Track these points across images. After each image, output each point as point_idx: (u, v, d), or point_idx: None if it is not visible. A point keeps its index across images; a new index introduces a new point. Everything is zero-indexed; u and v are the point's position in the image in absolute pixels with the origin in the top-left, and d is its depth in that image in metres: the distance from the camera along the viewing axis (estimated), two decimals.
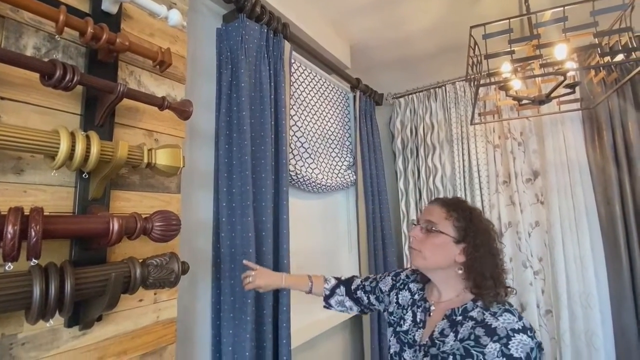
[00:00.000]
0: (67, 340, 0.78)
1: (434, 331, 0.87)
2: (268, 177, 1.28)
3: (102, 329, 0.84)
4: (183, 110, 0.96)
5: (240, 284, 1.16)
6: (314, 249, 1.85)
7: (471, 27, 1.25)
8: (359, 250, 1.98)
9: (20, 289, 0.61)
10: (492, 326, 0.78)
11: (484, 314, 0.81)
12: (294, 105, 1.69)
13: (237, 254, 1.18)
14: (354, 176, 2.06)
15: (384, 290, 1.09)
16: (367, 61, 2.32)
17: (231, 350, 1.13)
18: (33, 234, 0.62)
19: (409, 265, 2.27)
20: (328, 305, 1.19)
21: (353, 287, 1.16)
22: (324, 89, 1.97)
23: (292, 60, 1.67)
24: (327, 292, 1.17)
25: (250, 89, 1.30)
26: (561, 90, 1.29)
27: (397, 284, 1.06)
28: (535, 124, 2.03)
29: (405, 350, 0.92)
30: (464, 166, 2.18)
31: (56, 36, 0.79)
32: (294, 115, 1.67)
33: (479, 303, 0.83)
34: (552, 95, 1.29)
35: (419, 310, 0.95)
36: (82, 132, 0.74)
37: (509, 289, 0.84)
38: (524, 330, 0.75)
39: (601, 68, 1.38)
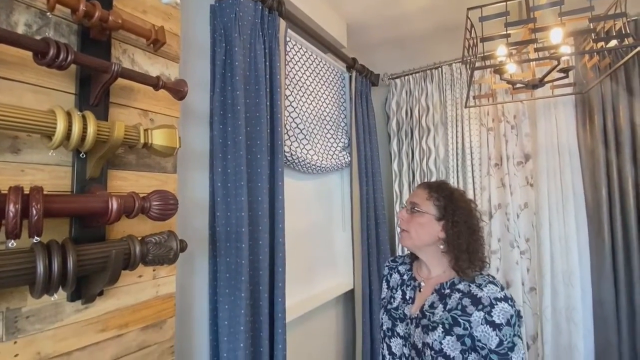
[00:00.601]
0: (70, 314, 0.82)
1: (424, 304, 0.94)
2: (264, 158, 1.29)
3: (103, 303, 0.88)
4: (178, 90, 0.96)
5: (235, 262, 1.20)
6: (309, 228, 1.89)
7: (468, 9, 1.24)
8: (353, 229, 2.03)
9: (23, 265, 0.63)
10: (478, 296, 0.85)
11: (470, 286, 0.88)
12: (289, 85, 1.68)
13: (232, 233, 1.21)
14: (349, 157, 2.08)
15: (385, 289, 1.13)
16: (363, 40, 2.29)
17: (227, 324, 1.18)
18: (34, 212, 0.63)
19: (399, 247, 2.34)
20: None
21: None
22: (320, 69, 1.95)
23: (287, 39, 1.64)
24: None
25: (245, 68, 1.29)
26: (555, 75, 1.30)
27: (388, 272, 1.13)
28: (528, 107, 2.04)
29: (397, 325, 0.98)
30: (457, 148, 2.20)
31: (48, 13, 0.78)
32: (289, 95, 1.67)
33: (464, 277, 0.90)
34: (546, 79, 1.30)
35: (408, 288, 1.02)
36: (79, 112, 0.74)
37: (484, 262, 0.91)
38: (505, 299, 0.82)
39: (595, 53, 1.39)
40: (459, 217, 0.90)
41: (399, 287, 1.05)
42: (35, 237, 0.65)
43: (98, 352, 0.86)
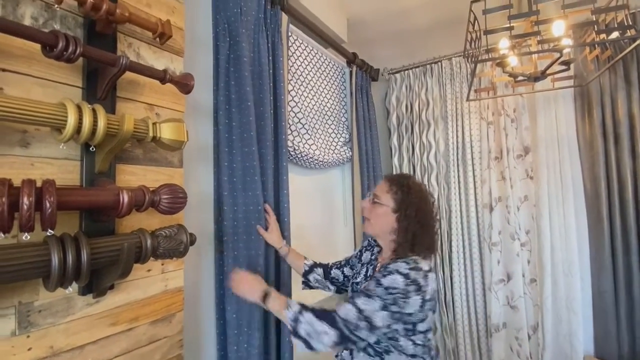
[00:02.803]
0: (81, 308, 0.82)
1: None
2: (268, 153, 1.30)
3: (114, 297, 0.88)
4: (185, 84, 0.96)
5: (243, 256, 1.20)
6: (311, 223, 1.90)
7: (471, 2, 1.24)
8: (354, 223, 2.04)
9: (38, 258, 0.63)
10: (388, 267, 0.93)
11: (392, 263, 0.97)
12: (291, 79, 1.68)
13: (239, 227, 1.21)
14: (350, 152, 2.08)
15: (355, 256, 1.26)
16: (363, 35, 2.29)
17: (235, 317, 1.19)
18: (48, 205, 0.63)
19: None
20: (307, 281, 1.31)
21: (329, 267, 1.31)
22: (321, 64, 1.95)
23: (289, 33, 1.64)
24: (307, 269, 1.30)
25: (250, 63, 1.29)
26: (556, 67, 1.31)
27: (364, 247, 1.24)
28: (528, 100, 2.06)
29: None
30: (457, 142, 2.22)
31: (55, 6, 0.78)
32: (291, 90, 1.67)
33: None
34: (547, 72, 1.31)
35: (371, 267, 1.14)
36: (89, 105, 0.74)
37: (429, 252, 0.99)
38: (405, 275, 0.89)
39: (596, 45, 1.40)
40: (410, 211, 0.97)
41: (366, 264, 1.16)
42: (49, 230, 0.65)
43: (110, 346, 0.86)
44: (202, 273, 1.24)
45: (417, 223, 0.97)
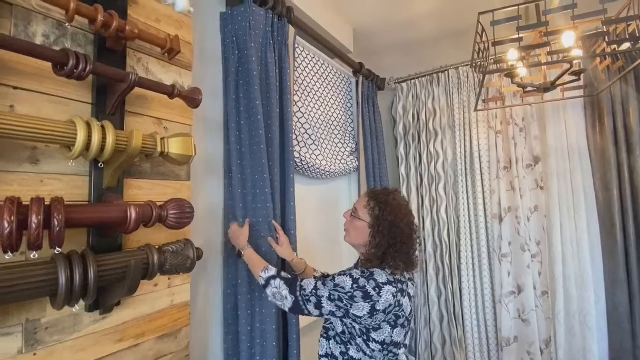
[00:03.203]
0: (88, 324, 0.81)
1: None
2: (275, 165, 1.29)
3: (120, 312, 0.87)
4: (193, 99, 0.96)
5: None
6: (316, 234, 1.88)
7: (479, 14, 1.24)
8: None
9: (46, 277, 0.63)
10: (347, 270, 1.01)
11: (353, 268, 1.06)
12: (297, 90, 1.68)
13: (249, 239, 1.21)
14: (357, 162, 2.07)
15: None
16: (370, 45, 2.29)
17: (249, 330, 1.18)
18: (56, 223, 0.63)
19: None
20: None
21: None
22: (327, 74, 1.96)
23: (296, 45, 1.65)
24: None
25: (259, 77, 1.29)
26: (566, 78, 1.29)
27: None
28: (537, 109, 2.03)
29: None
30: (465, 152, 2.20)
31: (66, 24, 0.78)
32: (297, 101, 1.67)
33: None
34: (557, 82, 1.29)
35: None
36: (98, 123, 0.74)
37: (395, 270, 0.99)
38: (354, 280, 0.94)
39: (607, 56, 1.38)
40: (383, 228, 1.00)
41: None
42: (57, 248, 0.65)
43: None
44: (208, 286, 1.23)
45: (390, 239, 0.98)
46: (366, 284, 0.93)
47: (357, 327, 0.97)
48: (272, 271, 1.07)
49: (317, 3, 1.77)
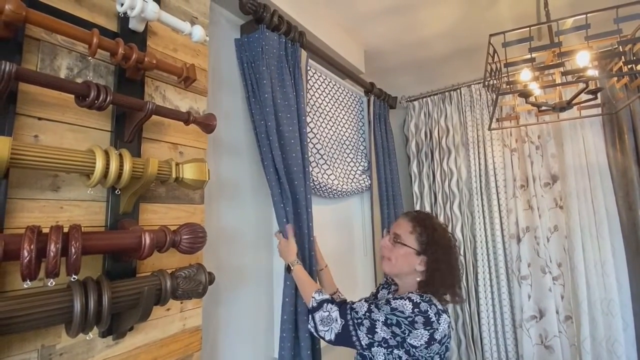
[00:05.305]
0: (101, 350, 0.81)
1: None
2: (301, 185, 1.32)
3: (133, 338, 0.87)
4: (207, 124, 0.99)
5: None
6: (331, 253, 1.86)
7: (490, 35, 1.24)
8: (374, 253, 1.99)
9: (62, 304, 0.64)
10: (402, 294, 0.95)
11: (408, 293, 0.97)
12: (309, 112, 1.70)
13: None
14: (369, 181, 2.06)
15: (372, 294, 1.26)
16: (381, 65, 2.31)
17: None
18: (73, 250, 0.64)
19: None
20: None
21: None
22: (339, 94, 1.98)
23: (307, 67, 1.68)
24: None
25: (274, 99, 1.32)
26: (583, 97, 1.27)
27: (382, 284, 1.24)
28: (553, 127, 2.00)
29: None
30: (480, 170, 2.16)
31: (89, 57, 0.82)
32: (310, 122, 1.69)
33: None
34: (574, 102, 1.27)
35: None
36: (116, 151, 0.76)
37: (457, 298, 0.97)
38: (414, 304, 0.88)
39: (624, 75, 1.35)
40: (439, 255, 0.95)
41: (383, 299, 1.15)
42: (73, 275, 0.66)
43: None
44: (221, 310, 1.22)
45: (447, 267, 0.94)
46: (428, 309, 0.87)
47: (404, 355, 0.88)
48: (327, 294, 1.02)
49: (328, 27, 1.81)
